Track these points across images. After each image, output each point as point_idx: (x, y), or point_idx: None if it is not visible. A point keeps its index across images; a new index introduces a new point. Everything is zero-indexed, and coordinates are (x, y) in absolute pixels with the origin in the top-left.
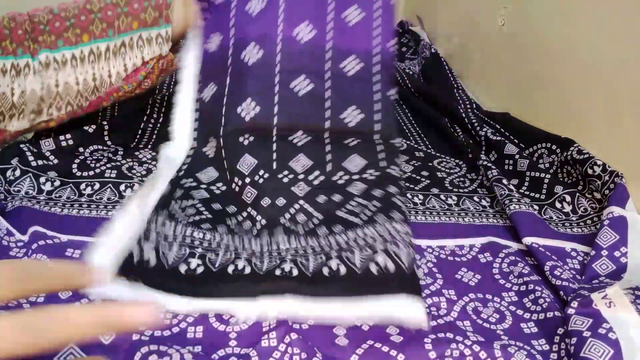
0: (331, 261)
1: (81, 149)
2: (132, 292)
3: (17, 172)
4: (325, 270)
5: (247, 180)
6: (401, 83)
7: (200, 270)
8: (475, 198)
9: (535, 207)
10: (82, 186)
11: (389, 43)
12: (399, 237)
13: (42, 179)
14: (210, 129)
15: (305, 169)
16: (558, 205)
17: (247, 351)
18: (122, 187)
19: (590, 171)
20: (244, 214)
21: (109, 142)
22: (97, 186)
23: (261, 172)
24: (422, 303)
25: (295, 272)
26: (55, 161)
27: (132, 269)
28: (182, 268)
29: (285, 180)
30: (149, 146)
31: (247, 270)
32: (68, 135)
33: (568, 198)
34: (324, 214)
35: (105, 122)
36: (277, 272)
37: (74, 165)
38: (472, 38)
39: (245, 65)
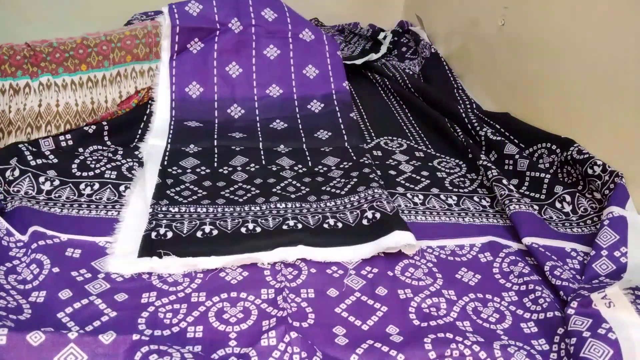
0: (328, 219)
1: (81, 149)
2: (163, 264)
3: (17, 172)
4: (325, 225)
5: (239, 168)
6: (401, 83)
7: (215, 232)
8: (475, 198)
9: (535, 207)
10: (82, 186)
11: (343, 83)
12: (378, 197)
13: (42, 179)
14: (193, 138)
15: (290, 164)
16: (558, 205)
17: (247, 351)
18: (121, 188)
19: (590, 171)
20: (236, 186)
21: (108, 143)
22: (96, 186)
23: (252, 165)
24: (411, 233)
25: (300, 226)
26: (55, 160)
27: (154, 246)
28: (198, 233)
29: (275, 168)
30: None
31: (258, 229)
32: (68, 136)
33: (568, 198)
34: (311, 188)
35: (105, 123)
36: (284, 227)
37: (74, 166)
38: (472, 38)
39: (231, 117)
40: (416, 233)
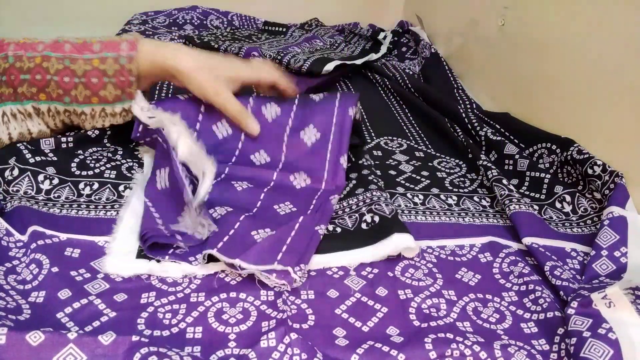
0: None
1: (80, 151)
2: (162, 267)
3: (16, 172)
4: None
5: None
6: (401, 83)
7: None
8: (475, 198)
9: (535, 207)
10: (81, 185)
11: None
12: (377, 199)
13: (41, 177)
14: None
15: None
16: (558, 205)
17: (246, 352)
18: (121, 188)
19: (590, 171)
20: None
21: (108, 144)
22: (96, 186)
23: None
24: (410, 236)
25: None
26: (55, 159)
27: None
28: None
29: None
30: None
31: None
32: (70, 138)
33: (568, 198)
34: None
35: (107, 127)
36: None
37: (74, 165)
38: (472, 38)
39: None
40: (416, 233)
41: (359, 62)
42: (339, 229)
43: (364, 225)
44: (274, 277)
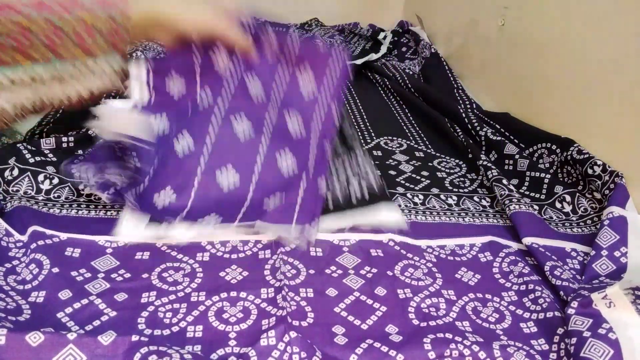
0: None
1: (80, 151)
2: (176, 231)
3: (15, 172)
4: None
5: None
6: (401, 83)
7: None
8: (475, 198)
9: (535, 207)
10: (81, 186)
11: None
12: (364, 170)
13: (41, 177)
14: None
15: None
16: (558, 205)
17: (246, 350)
18: None
19: (590, 171)
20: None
21: None
22: None
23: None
24: (397, 208)
25: None
26: (54, 159)
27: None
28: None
29: None
30: None
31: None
32: (71, 138)
33: (568, 198)
34: None
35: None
36: None
37: (73, 166)
38: (472, 38)
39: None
40: (416, 233)
41: (359, 62)
42: (331, 206)
43: (353, 200)
44: (295, 230)
